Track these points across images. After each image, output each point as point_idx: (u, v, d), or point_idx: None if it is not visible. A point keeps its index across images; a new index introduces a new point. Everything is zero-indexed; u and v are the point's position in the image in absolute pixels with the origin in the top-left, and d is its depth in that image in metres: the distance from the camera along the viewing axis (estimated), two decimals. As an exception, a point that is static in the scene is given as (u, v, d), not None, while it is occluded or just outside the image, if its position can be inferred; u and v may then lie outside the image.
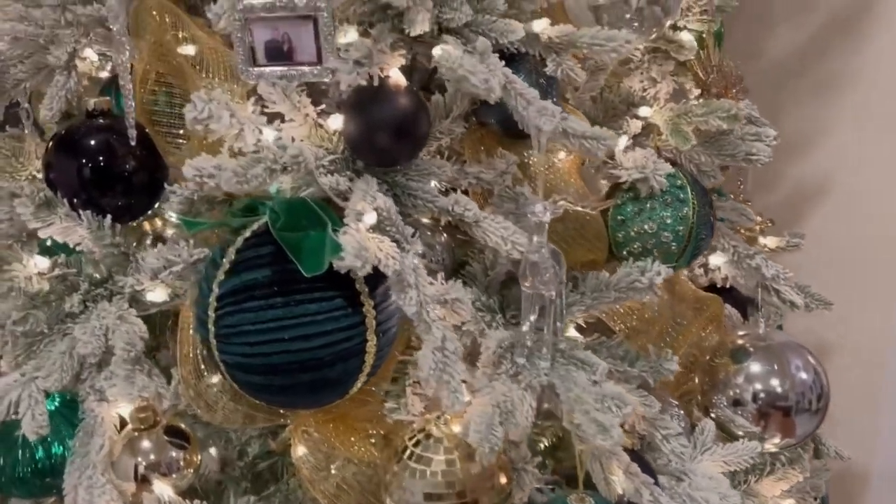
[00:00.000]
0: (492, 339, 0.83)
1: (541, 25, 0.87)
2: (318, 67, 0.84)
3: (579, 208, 0.85)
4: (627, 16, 0.96)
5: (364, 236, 0.75)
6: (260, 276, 0.78)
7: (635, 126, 1.03)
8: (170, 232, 1.16)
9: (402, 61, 0.83)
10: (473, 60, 0.76)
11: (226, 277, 0.80)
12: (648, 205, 0.99)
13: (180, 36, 0.91)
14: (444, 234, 0.99)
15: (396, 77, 0.83)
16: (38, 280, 0.88)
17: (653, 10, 0.92)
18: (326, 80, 0.85)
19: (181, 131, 1.01)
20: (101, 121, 0.97)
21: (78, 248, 0.92)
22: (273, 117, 0.87)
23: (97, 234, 0.93)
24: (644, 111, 1.03)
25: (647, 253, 0.99)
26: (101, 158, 0.96)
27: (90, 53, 0.97)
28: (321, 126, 0.88)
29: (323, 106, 0.86)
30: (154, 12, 0.91)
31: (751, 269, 1.10)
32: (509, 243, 0.83)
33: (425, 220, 0.97)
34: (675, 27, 1.05)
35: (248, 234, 0.82)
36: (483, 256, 0.96)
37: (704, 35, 1.05)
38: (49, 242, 1.18)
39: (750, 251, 1.10)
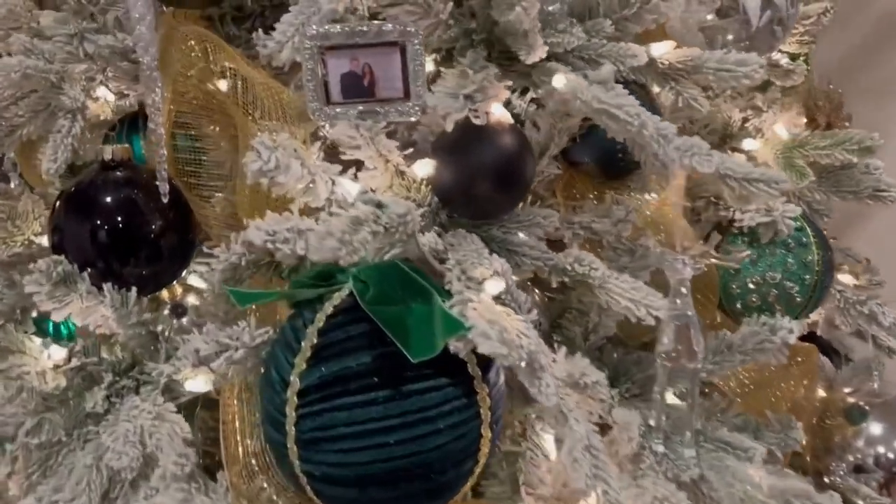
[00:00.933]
0: (630, 425, 0.70)
1: (661, 49, 0.76)
2: (407, 104, 0.71)
3: (718, 261, 0.73)
4: (730, 37, 0.85)
5: (493, 310, 0.61)
6: (354, 364, 0.64)
7: (739, 161, 0.92)
8: (192, 301, 1.01)
9: (508, 94, 0.71)
10: (612, 93, 0.64)
11: (308, 366, 0.65)
12: (768, 251, 0.87)
13: (224, 69, 0.76)
14: (537, 293, 0.86)
15: (500, 113, 0.71)
16: (54, 375, 0.72)
17: (773, 30, 0.81)
18: (413, 118, 0.72)
19: (218, 182, 0.85)
20: (119, 173, 0.81)
21: (99, 331, 0.76)
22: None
23: (121, 312, 0.77)
24: (749, 144, 0.92)
25: (768, 306, 0.87)
26: (122, 219, 0.80)
27: (104, 92, 0.82)
28: (403, 173, 0.74)
29: (411, 150, 0.72)
30: (191, 41, 0.77)
31: (861, 316, 0.99)
32: (642, 308, 0.71)
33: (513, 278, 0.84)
34: (772, 50, 0.95)
35: (329, 309, 0.67)
36: (586, 319, 0.83)
37: (801, 58, 0.96)
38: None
39: (861, 297, 0.99)
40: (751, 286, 0.87)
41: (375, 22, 0.69)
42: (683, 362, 0.69)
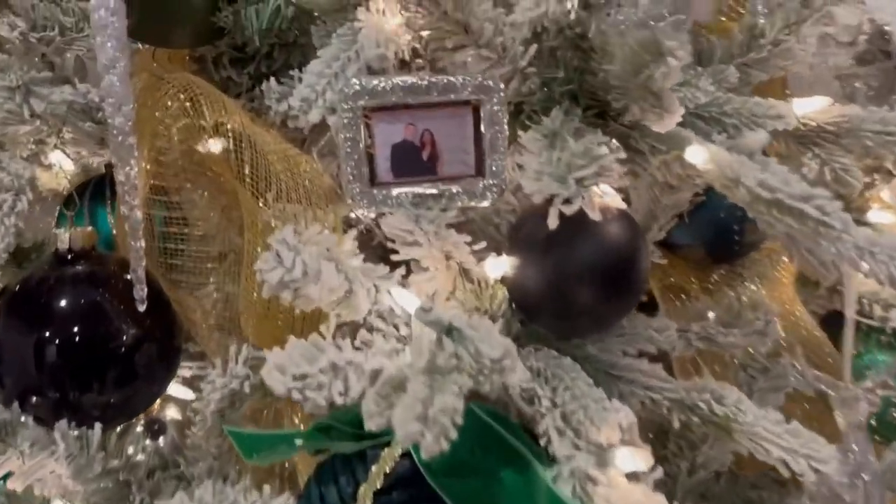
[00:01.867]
0: None
1: (807, 106, 0.58)
2: (481, 183, 0.52)
3: (897, 392, 0.55)
4: (858, 85, 0.69)
5: (630, 491, 0.42)
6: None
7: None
8: (170, 414, 0.81)
9: (622, 171, 0.52)
10: (780, 177, 0.46)
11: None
12: (916, 357, 0.70)
13: (224, 130, 0.57)
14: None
15: (609, 195, 0.52)
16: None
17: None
18: (487, 203, 0.54)
19: (207, 271, 0.66)
20: (80, 267, 0.62)
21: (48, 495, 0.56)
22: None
23: (79, 462, 0.57)
24: (876, 216, 0.75)
25: (916, 428, 0.70)
26: (83, 330, 0.60)
27: (59, 158, 0.62)
28: (468, 272, 0.56)
29: (484, 243, 0.53)
30: (178, 92, 0.58)
31: None
32: (802, 460, 0.52)
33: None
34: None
35: (377, 481, 0.48)
36: (695, 453, 0.65)
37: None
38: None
39: None
40: (894, 400, 0.70)
41: (440, 75, 0.51)
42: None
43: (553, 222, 0.47)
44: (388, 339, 0.53)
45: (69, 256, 0.62)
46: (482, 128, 0.51)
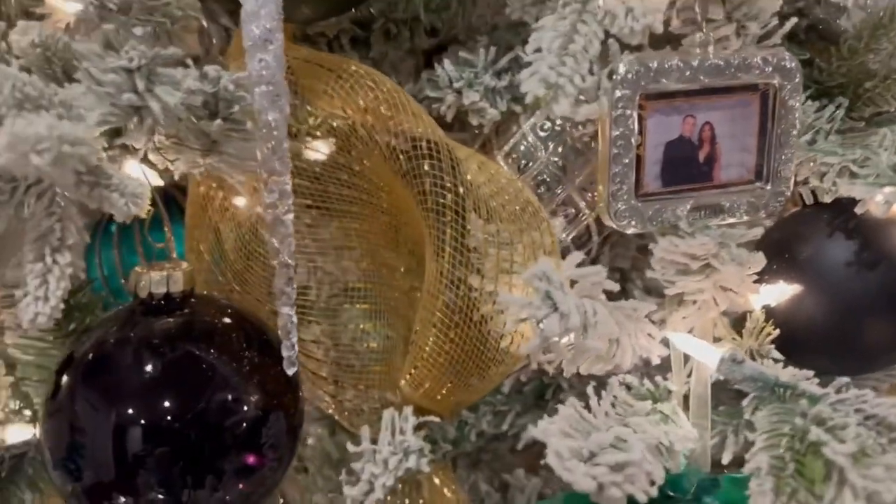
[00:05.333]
0: None
1: None
2: (764, 191, 0.42)
3: None
4: None
5: None
6: None
7: None
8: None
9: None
10: None
11: None
12: None
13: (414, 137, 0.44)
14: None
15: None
16: None
17: None
18: (767, 216, 0.44)
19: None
20: (177, 318, 0.47)
21: None
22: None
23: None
24: None
25: None
26: (191, 406, 0.46)
27: (142, 170, 0.47)
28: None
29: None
30: (373, 93, 0.44)
31: None
32: None
33: None
34: None
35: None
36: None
37: None
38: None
39: None
40: None
41: (728, 52, 0.41)
42: None
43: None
44: (647, 396, 0.42)
45: (160, 303, 0.47)
46: (770, 120, 0.42)
